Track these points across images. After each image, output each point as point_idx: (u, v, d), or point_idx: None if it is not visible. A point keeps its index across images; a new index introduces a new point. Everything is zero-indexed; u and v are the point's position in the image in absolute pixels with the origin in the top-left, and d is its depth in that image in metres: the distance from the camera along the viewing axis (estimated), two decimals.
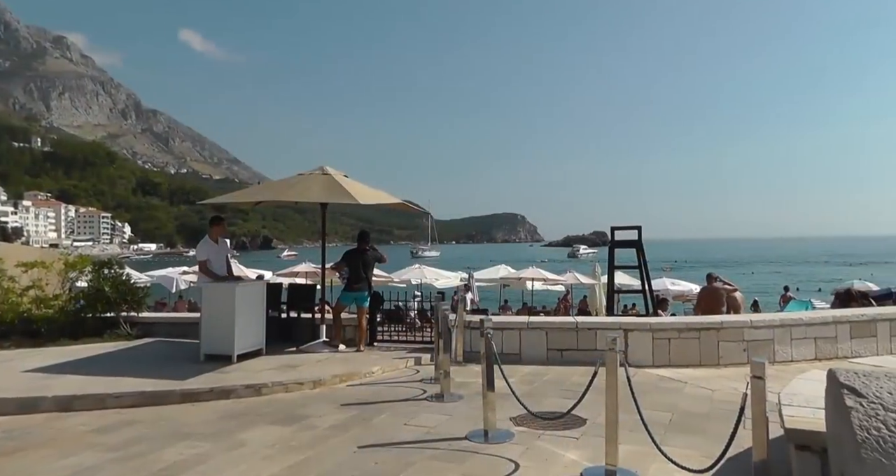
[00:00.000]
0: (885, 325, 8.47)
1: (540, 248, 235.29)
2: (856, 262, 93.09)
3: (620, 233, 12.97)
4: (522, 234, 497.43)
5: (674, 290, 19.14)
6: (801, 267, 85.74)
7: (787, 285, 22.64)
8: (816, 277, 52.12)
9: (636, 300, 17.23)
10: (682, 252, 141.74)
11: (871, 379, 3.30)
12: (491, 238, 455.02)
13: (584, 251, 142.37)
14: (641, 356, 7.63)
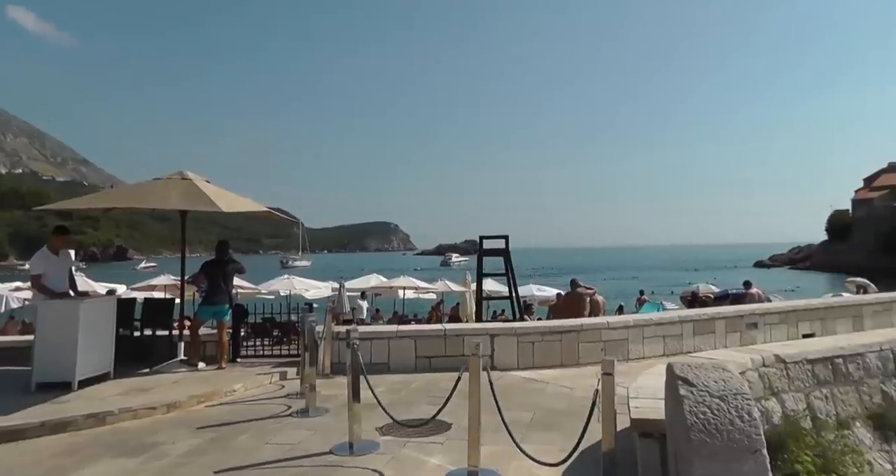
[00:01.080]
0: (722, 322, 9.36)
1: (413, 257, 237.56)
2: (702, 267, 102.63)
3: (489, 242, 13.37)
4: (396, 242, 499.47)
5: (540, 296, 20.03)
6: (657, 272, 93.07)
7: (642, 289, 24.39)
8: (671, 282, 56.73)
9: (506, 306, 17.85)
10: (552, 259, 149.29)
11: (701, 370, 3.62)
12: (364, 247, 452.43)
13: (457, 259, 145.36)
14: (508, 360, 7.88)
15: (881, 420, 6.03)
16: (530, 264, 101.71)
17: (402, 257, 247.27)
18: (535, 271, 73.96)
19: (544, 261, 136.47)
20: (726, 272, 73.63)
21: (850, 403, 6.06)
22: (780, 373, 5.77)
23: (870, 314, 11.51)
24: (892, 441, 5.98)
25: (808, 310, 10.58)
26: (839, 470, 4.53)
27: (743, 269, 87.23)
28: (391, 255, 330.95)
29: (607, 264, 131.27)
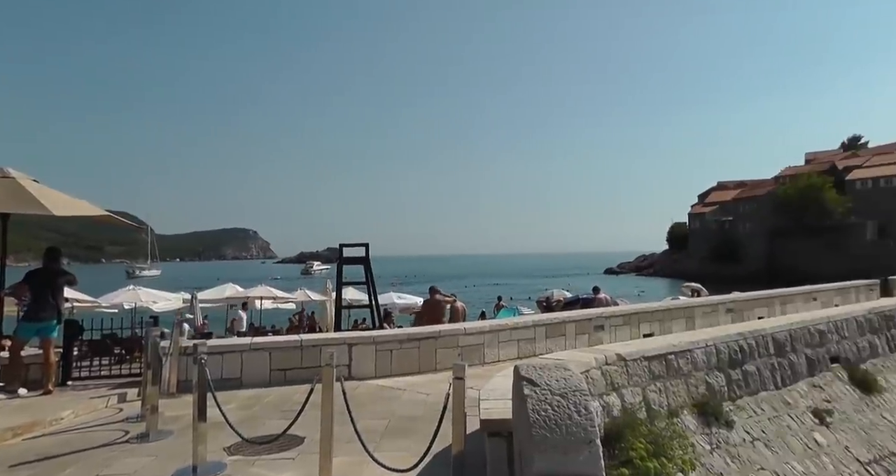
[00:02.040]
0: (573, 325, 9.93)
1: (273, 265, 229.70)
2: (558, 274, 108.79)
3: (349, 250, 13.22)
4: (255, 250, 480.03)
5: (400, 304, 20.12)
6: (517, 279, 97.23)
7: (500, 295, 25.33)
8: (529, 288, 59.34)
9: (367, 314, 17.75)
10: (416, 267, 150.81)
11: (545, 371, 3.79)
12: (220, 255, 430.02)
13: (318, 268, 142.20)
14: (366, 369, 7.80)
15: (704, 407, 6.70)
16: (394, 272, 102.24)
17: (261, 266, 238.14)
18: (396, 280, 74.52)
19: (408, 269, 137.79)
20: (580, 279, 78.53)
21: (679, 394, 6.66)
22: (620, 370, 6.20)
23: (700, 315, 12.81)
24: (712, 425, 6.66)
25: (649, 312, 11.56)
26: (667, 453, 4.98)
27: (594, 276, 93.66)
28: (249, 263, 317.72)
29: (471, 272, 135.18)
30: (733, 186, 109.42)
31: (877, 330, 11.40)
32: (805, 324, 9.56)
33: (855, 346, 10.48)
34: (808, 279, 20.54)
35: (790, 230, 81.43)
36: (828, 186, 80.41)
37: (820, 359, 9.46)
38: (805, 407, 8.12)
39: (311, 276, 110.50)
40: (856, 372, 9.78)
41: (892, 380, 10.39)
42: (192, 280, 65.58)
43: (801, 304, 15.91)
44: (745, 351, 8.05)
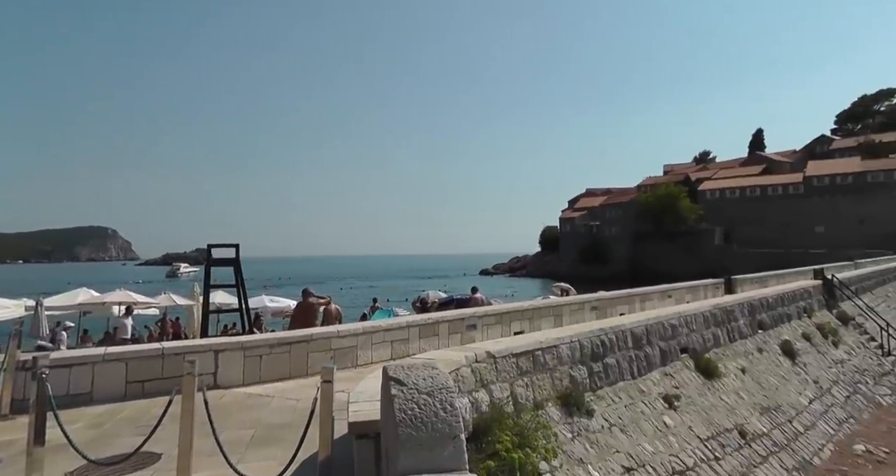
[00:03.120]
0: (446, 325, 10.05)
1: (135, 268, 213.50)
2: (436, 275, 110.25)
3: (218, 251, 12.58)
4: (114, 251, 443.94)
5: (272, 307, 19.38)
6: (395, 280, 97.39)
7: (375, 297, 25.13)
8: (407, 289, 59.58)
9: (237, 319, 16.98)
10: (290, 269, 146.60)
11: (412, 370, 3.80)
12: (74, 256, 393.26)
13: (186, 270, 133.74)
14: (233, 376, 7.44)
15: (568, 399, 7.08)
16: (269, 274, 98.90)
17: (121, 268, 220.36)
18: (269, 281, 72.21)
19: (284, 270, 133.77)
20: (457, 280, 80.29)
21: (545, 388, 6.98)
22: (490, 367, 6.38)
23: (568, 313, 13.47)
24: (574, 415, 7.05)
25: (520, 311, 11.99)
26: (532, 444, 5.20)
27: (471, 277, 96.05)
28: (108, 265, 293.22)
29: (350, 273, 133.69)
30: (601, 193, 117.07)
31: (720, 323, 12.62)
32: (660, 319, 10.39)
33: (701, 338, 11.52)
34: (666, 279, 22.23)
35: (651, 234, 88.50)
36: (683, 196, 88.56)
37: (672, 350, 10.31)
38: (657, 393, 8.81)
39: (177, 279, 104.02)
40: (701, 360, 10.76)
41: (730, 366, 11.54)
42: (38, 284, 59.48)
43: (657, 301, 17.16)
44: (606, 345, 8.60)
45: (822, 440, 11.39)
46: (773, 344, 14.25)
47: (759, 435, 9.87)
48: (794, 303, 17.76)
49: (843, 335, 18.65)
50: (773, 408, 11.13)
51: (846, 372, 16.10)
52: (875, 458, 11.08)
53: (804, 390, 13.05)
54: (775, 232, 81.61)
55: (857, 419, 13.58)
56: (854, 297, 23.50)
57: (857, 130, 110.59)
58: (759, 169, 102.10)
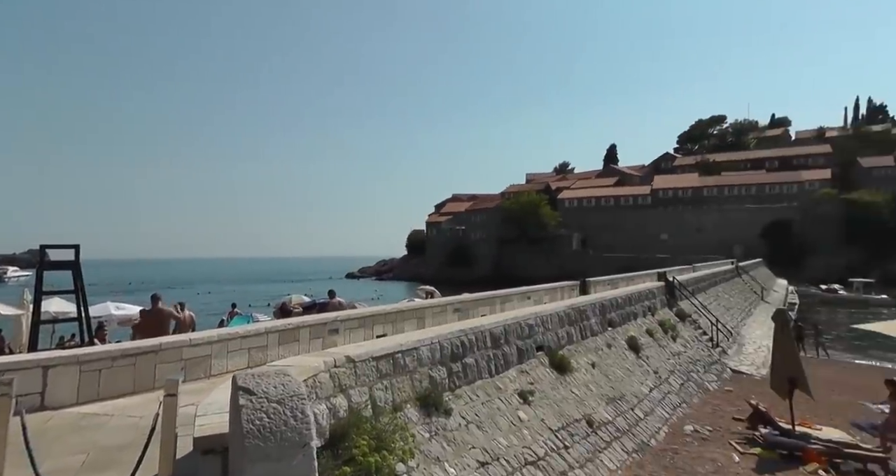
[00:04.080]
0: (307, 330, 9.83)
1: None
2: (301, 278, 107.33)
3: (55, 252, 11.36)
4: None
5: (118, 315, 17.79)
6: (257, 285, 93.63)
7: (234, 302, 23.96)
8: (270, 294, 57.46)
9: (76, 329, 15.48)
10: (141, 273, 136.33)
11: (263, 378, 3.68)
12: None
13: (15, 274, 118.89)
14: (66, 394, 6.75)
15: (427, 400, 7.21)
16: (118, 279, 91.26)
17: None
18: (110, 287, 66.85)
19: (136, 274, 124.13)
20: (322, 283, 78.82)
21: (404, 390, 7.05)
22: (349, 371, 6.33)
23: (431, 315, 13.68)
24: (433, 415, 7.20)
25: (383, 314, 12.00)
26: (389, 446, 5.23)
27: (336, 281, 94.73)
28: None
29: (209, 277, 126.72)
30: (467, 199, 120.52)
31: (573, 322, 13.42)
32: (518, 319, 10.85)
33: (556, 336, 12.19)
34: (528, 281, 23.24)
35: (514, 239, 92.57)
36: (544, 203, 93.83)
37: (528, 348, 10.81)
38: (513, 390, 9.21)
39: (4, 285, 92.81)
40: (555, 357, 11.38)
41: (581, 361, 12.32)
42: None
43: (517, 302, 17.90)
44: (466, 345, 8.84)
45: (658, 424, 12.51)
46: (621, 340, 15.39)
47: (605, 423, 10.64)
48: (641, 302, 19.31)
49: (680, 330, 20.58)
50: (618, 397, 12.05)
51: (682, 362, 17.77)
52: (700, 436, 12.41)
53: (646, 380, 14.23)
54: (627, 238, 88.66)
55: (688, 403, 15.05)
56: (691, 297, 26.05)
57: (694, 150, 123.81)
58: (613, 181, 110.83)
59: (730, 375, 20.03)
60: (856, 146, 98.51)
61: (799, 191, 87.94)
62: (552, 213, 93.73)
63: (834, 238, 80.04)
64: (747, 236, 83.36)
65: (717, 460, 10.77)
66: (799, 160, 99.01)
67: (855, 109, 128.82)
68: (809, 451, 11.05)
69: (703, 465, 10.42)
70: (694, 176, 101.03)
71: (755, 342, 26.48)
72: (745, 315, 35.23)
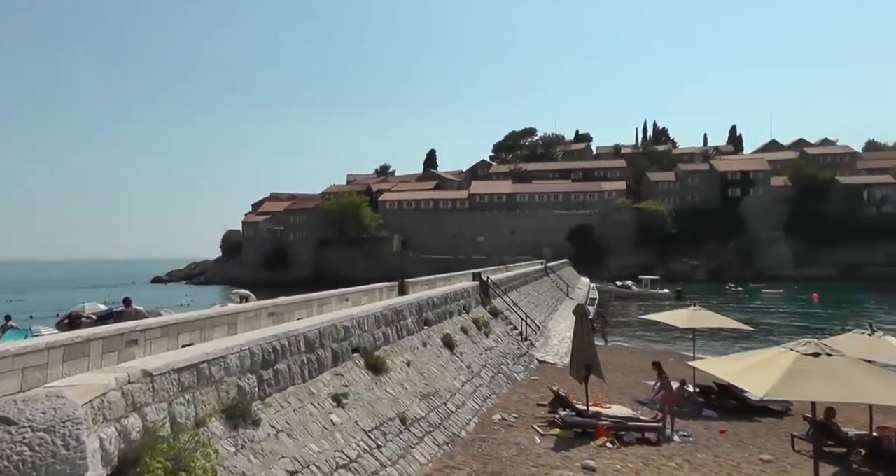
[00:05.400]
0: (99, 343, 8.83)
1: None
2: (99, 284, 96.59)
3: None
4: None
5: None
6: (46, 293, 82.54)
7: (8, 314, 20.94)
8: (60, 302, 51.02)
9: None
10: None
11: (30, 403, 3.28)
12: None
13: None
14: None
15: (234, 411, 6.89)
16: None
17: None
18: None
19: None
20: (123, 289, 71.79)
21: (209, 402, 6.67)
22: (145, 387, 5.85)
23: (243, 320, 13.01)
24: (240, 427, 6.90)
25: (190, 321, 11.16)
26: (188, 466, 4.92)
27: (141, 286, 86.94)
28: None
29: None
30: (286, 198, 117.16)
31: (390, 322, 13.66)
32: (333, 322, 10.80)
33: (372, 337, 12.32)
34: (349, 283, 23.10)
35: (335, 240, 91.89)
36: (365, 205, 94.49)
37: (344, 351, 10.80)
38: (327, 394, 9.16)
39: None
40: (371, 358, 11.51)
41: (397, 361, 12.60)
42: None
43: (336, 304, 17.75)
44: (278, 351, 8.60)
45: (469, 415, 13.23)
46: (436, 338, 15.98)
47: (418, 419, 11.01)
48: (456, 301, 20.17)
49: (493, 326, 21.87)
50: (431, 394, 12.52)
51: (493, 356, 18.91)
52: (507, 423, 13.37)
53: (459, 375, 14.94)
54: (446, 240, 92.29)
55: (497, 394, 16.09)
56: (503, 295, 27.79)
57: (508, 159, 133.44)
58: (433, 184, 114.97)
59: (536, 366, 21.74)
60: (645, 162, 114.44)
61: (599, 199, 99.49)
62: (373, 215, 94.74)
63: (628, 241, 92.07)
64: (555, 239, 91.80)
65: (521, 444, 11.66)
66: (599, 172, 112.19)
67: (644, 131, 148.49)
68: (599, 428, 12.43)
69: (509, 450, 11.22)
70: (508, 183, 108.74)
71: (560, 334, 28.96)
72: (552, 310, 38.44)
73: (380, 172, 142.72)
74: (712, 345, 29.45)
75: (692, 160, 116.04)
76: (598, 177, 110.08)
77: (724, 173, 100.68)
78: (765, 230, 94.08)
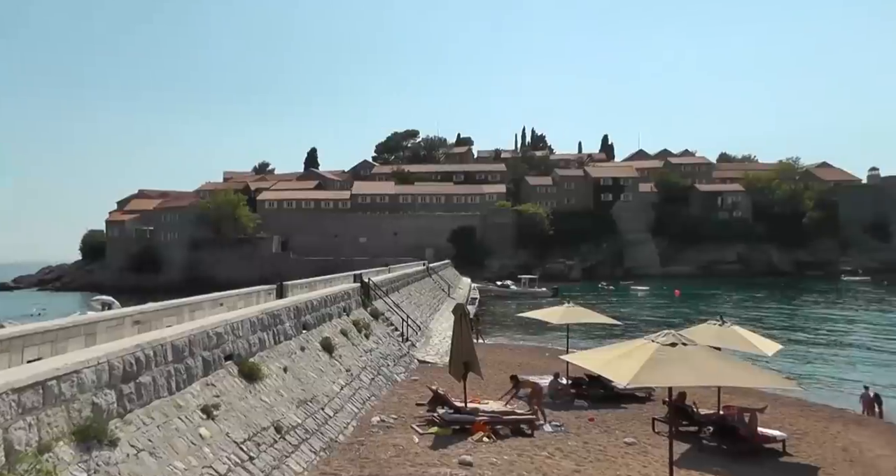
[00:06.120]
0: None
1: None
2: None
3: None
4: None
5: None
6: None
7: None
8: None
9: None
10: None
11: None
12: None
13: None
14: None
15: (87, 432, 6.30)
16: None
17: None
18: None
19: None
20: None
21: (57, 424, 6.07)
22: None
23: (104, 330, 12.04)
24: (94, 449, 6.32)
25: (38, 333, 10.19)
26: None
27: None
28: None
29: None
30: (156, 196, 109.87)
31: (266, 327, 13.22)
32: (204, 328, 10.27)
33: (247, 343, 11.87)
34: (225, 286, 22.17)
35: (210, 241, 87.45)
36: (242, 204, 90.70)
37: (216, 359, 10.32)
38: (196, 406, 8.70)
39: None
40: (245, 365, 11.09)
41: (273, 367, 12.24)
42: None
43: (209, 310, 16.94)
44: (142, 362, 8.05)
45: (348, 419, 13.13)
46: (315, 342, 15.69)
47: (294, 426, 10.76)
48: (336, 303, 19.91)
49: (374, 328, 21.81)
50: (309, 399, 12.28)
51: (374, 358, 18.87)
52: (386, 425, 13.39)
53: (338, 379, 14.77)
54: (328, 241, 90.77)
55: (377, 396, 16.09)
56: (385, 296, 27.80)
57: (391, 160, 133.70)
58: (314, 184, 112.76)
59: (417, 366, 21.97)
60: (524, 167, 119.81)
61: (481, 202, 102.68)
62: (251, 215, 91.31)
63: (508, 242, 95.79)
64: (438, 240, 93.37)
65: (399, 444, 11.72)
66: (480, 175, 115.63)
67: (522, 137, 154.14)
68: (477, 423, 12.79)
69: (387, 451, 11.25)
70: (391, 184, 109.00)
71: (441, 334, 29.44)
72: (434, 310, 38.99)
73: (258, 170, 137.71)
74: (585, 339, 31.21)
75: (568, 166, 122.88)
76: (480, 180, 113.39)
77: (598, 179, 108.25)
78: (634, 232, 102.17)
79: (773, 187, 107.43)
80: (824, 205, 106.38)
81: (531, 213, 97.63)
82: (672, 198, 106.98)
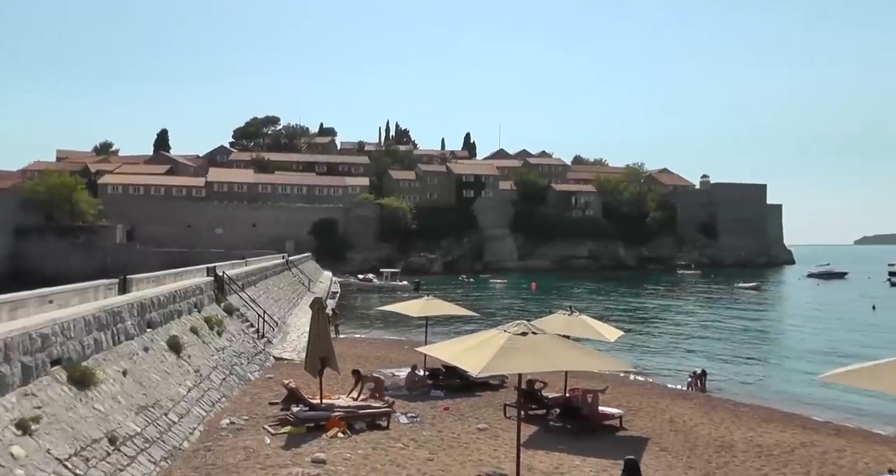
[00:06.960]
0: None
1: None
2: None
3: None
4: None
5: None
6: None
7: None
8: None
9: None
10: None
11: None
12: None
13: None
14: None
15: None
16: None
17: None
18: None
19: None
20: None
21: None
22: None
23: None
24: None
25: None
26: None
27: None
28: None
29: None
30: None
31: (104, 326, 12.12)
32: (27, 330, 9.19)
33: (80, 345, 10.80)
34: (57, 280, 20.07)
35: (40, 229, 78.29)
36: (81, 188, 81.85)
37: (39, 364, 9.28)
38: (9, 421, 7.72)
39: None
40: (76, 370, 10.07)
41: (110, 371, 11.25)
42: None
43: (35, 308, 15.29)
44: None
45: (194, 424, 12.40)
46: (161, 341, 14.67)
47: (132, 436, 9.97)
48: (187, 299, 18.75)
49: (227, 325, 20.79)
50: (150, 405, 11.44)
51: (226, 357, 18.02)
52: (236, 427, 12.77)
53: (185, 381, 13.93)
54: (180, 231, 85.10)
55: (228, 397, 15.40)
56: (240, 291, 26.63)
57: (250, 146, 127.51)
58: (165, 169, 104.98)
59: (273, 363, 21.31)
60: (387, 161, 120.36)
61: (344, 194, 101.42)
62: (91, 200, 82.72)
63: (371, 236, 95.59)
64: (299, 233, 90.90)
65: (249, 447, 11.28)
66: (344, 167, 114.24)
67: (387, 130, 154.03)
68: (332, 419, 12.64)
69: (236, 456, 10.77)
70: (249, 172, 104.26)
71: (299, 329, 28.75)
72: (293, 305, 37.97)
73: (100, 151, 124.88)
74: (443, 331, 31.94)
75: (431, 162, 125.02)
76: (343, 172, 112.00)
77: (460, 176, 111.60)
78: (494, 228, 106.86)
79: (621, 189, 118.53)
80: (665, 206, 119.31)
81: (394, 207, 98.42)
82: (530, 196, 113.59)
